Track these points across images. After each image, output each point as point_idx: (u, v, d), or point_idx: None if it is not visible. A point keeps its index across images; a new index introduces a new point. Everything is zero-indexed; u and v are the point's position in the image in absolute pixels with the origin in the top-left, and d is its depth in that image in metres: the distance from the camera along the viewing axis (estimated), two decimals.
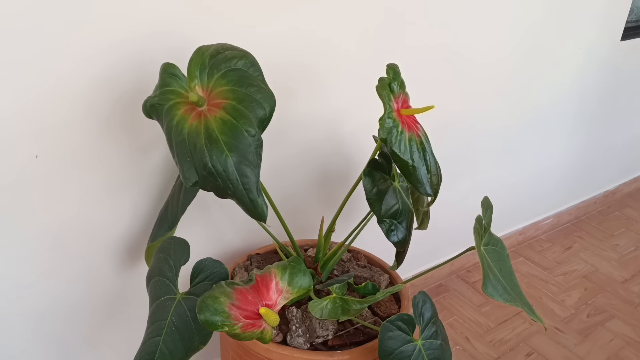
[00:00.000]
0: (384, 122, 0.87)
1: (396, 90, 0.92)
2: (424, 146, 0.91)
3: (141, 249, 1.17)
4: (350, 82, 1.31)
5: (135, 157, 1.09)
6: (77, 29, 0.94)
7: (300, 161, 1.33)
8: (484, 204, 1.03)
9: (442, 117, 1.57)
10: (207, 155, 0.84)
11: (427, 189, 0.90)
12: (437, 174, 0.93)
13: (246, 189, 0.85)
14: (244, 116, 0.86)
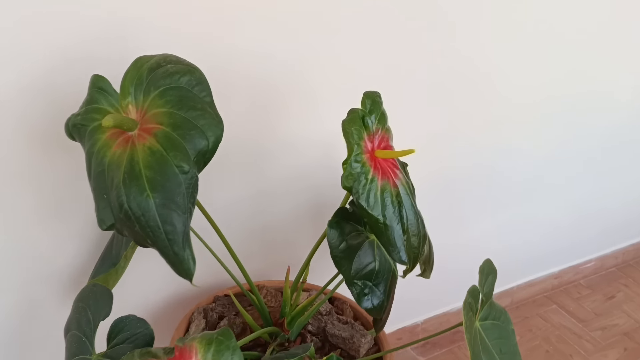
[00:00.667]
0: (348, 166, 0.69)
1: (372, 126, 0.73)
2: (401, 199, 0.72)
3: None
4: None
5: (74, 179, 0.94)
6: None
7: (289, 188, 1.16)
8: (483, 269, 0.83)
9: (463, 145, 1.37)
10: (124, 192, 0.68)
11: (401, 255, 0.71)
12: (419, 235, 0.74)
13: (169, 240, 0.68)
14: (176, 147, 0.69)
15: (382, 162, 0.72)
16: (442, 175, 1.38)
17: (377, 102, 0.75)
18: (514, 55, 1.32)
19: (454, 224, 1.49)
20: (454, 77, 1.25)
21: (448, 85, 1.25)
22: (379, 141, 0.74)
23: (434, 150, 1.32)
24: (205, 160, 0.72)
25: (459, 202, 1.47)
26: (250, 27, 0.96)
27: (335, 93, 1.09)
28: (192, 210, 0.69)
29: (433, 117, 1.27)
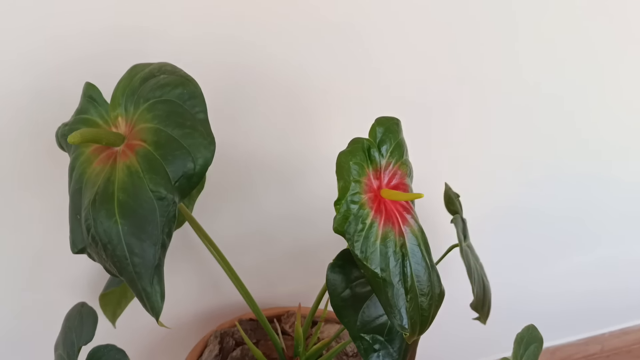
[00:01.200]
0: (342, 207, 0.57)
1: (379, 159, 0.61)
2: (406, 250, 0.59)
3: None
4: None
5: None
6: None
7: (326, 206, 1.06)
8: (522, 339, 0.69)
9: (546, 172, 1.19)
10: (92, 215, 0.61)
11: (401, 318, 0.58)
12: (431, 295, 0.61)
13: (136, 272, 0.61)
14: (155, 169, 0.62)
15: (389, 204, 0.60)
16: (518, 205, 1.21)
17: (392, 131, 0.62)
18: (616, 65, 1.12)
19: (531, 261, 1.32)
20: (536, 94, 1.08)
21: (529, 103, 1.08)
22: (390, 178, 0.62)
23: (509, 175, 1.16)
24: (191, 185, 0.63)
25: (538, 236, 1.29)
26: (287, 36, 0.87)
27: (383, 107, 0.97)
28: (166, 242, 0.61)
29: (510, 138, 1.10)
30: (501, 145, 1.11)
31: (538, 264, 1.33)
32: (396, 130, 0.63)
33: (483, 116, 1.06)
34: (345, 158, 0.58)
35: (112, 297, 0.94)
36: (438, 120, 1.03)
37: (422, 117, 1.01)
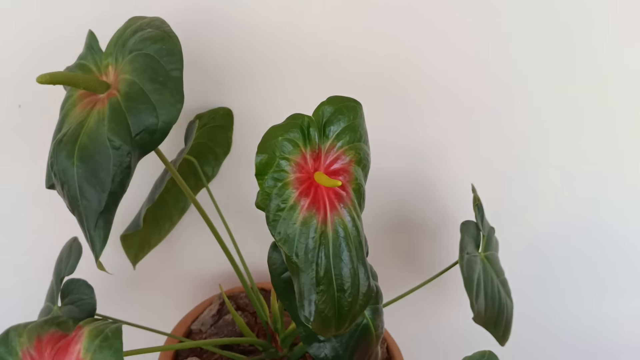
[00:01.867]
0: (265, 182, 0.55)
1: (318, 140, 0.57)
2: (327, 241, 0.55)
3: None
4: (450, 111, 0.94)
5: None
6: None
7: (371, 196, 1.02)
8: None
9: (614, 191, 1.04)
10: (55, 154, 0.65)
11: (305, 308, 0.55)
12: (350, 292, 0.57)
13: (84, 215, 0.64)
14: (117, 120, 0.63)
15: (322, 189, 0.56)
16: (580, 225, 1.08)
17: (344, 112, 0.58)
18: None
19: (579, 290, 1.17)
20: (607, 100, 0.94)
21: (599, 110, 0.95)
22: (331, 162, 0.57)
23: (562, 193, 1.03)
24: (154, 141, 0.64)
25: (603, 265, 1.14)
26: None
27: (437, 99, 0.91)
28: (117, 191, 0.63)
29: (577, 148, 0.98)
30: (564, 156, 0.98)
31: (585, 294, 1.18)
32: (350, 113, 0.58)
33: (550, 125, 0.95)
34: (274, 132, 0.55)
35: (135, 240, 0.99)
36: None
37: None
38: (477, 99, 0.92)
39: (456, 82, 0.91)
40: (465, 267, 0.78)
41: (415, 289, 0.86)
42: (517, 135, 0.96)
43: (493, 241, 0.89)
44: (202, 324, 0.94)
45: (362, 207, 0.59)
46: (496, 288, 0.87)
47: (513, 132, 0.96)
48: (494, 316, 0.86)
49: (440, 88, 0.91)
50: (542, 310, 1.16)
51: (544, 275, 1.12)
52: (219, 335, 0.93)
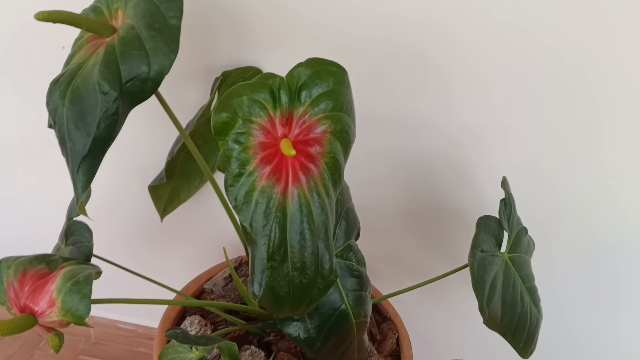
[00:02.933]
0: (225, 144, 0.51)
1: (288, 104, 0.52)
2: (283, 213, 0.51)
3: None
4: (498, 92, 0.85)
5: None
6: None
7: (405, 177, 0.96)
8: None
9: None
10: (50, 92, 0.65)
11: (255, 284, 0.51)
12: (303, 272, 0.52)
13: (70, 156, 0.63)
14: (109, 64, 0.62)
15: (288, 159, 0.51)
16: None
17: (323, 77, 0.52)
18: None
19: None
20: None
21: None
22: (302, 130, 0.52)
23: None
24: (145, 89, 0.62)
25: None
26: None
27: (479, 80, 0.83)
28: (103, 137, 0.62)
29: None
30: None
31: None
32: (330, 78, 0.52)
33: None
34: (240, 90, 0.51)
35: (163, 192, 1.00)
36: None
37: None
38: (528, 85, 0.82)
39: (505, 63, 0.81)
40: (476, 266, 0.71)
41: (435, 280, 0.79)
42: (571, 132, 0.86)
43: (523, 243, 0.80)
44: (213, 285, 0.93)
45: (338, 185, 0.54)
46: (519, 294, 0.78)
47: (567, 127, 0.85)
48: (512, 324, 0.77)
49: (487, 66, 0.82)
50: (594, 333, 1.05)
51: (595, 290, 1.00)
52: (226, 298, 0.91)
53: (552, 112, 0.84)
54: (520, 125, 0.86)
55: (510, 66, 0.82)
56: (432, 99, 0.86)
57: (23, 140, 1.06)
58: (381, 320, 0.92)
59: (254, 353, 0.82)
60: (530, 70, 0.81)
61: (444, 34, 0.81)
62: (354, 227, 0.67)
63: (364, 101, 0.87)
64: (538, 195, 0.91)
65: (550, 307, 1.03)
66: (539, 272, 0.99)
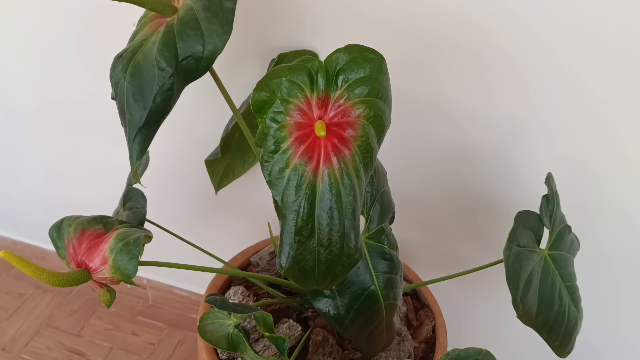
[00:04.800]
0: (264, 121, 0.54)
1: (325, 87, 0.54)
2: (313, 191, 0.53)
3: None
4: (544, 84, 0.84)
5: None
6: None
7: (440, 163, 0.96)
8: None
9: None
10: (114, 65, 0.70)
11: (283, 256, 0.54)
12: (330, 249, 0.54)
13: (127, 127, 0.68)
14: (168, 42, 0.66)
15: (321, 139, 0.54)
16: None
17: (360, 63, 0.54)
18: None
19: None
20: None
21: None
22: (337, 113, 0.54)
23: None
24: (199, 68, 0.66)
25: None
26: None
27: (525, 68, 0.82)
28: (158, 110, 0.66)
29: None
30: None
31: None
32: (367, 64, 0.54)
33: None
34: (280, 72, 0.54)
35: (219, 167, 1.04)
36: None
37: None
38: (580, 81, 0.81)
39: (554, 56, 0.80)
40: (512, 260, 0.71)
41: (473, 271, 0.80)
42: (622, 129, 0.83)
43: (566, 241, 0.79)
44: (260, 258, 0.97)
45: (370, 168, 0.56)
46: (557, 292, 0.78)
47: (619, 123, 0.83)
48: (548, 321, 0.77)
49: (535, 57, 0.81)
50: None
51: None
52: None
53: (603, 108, 0.82)
54: (566, 120, 0.85)
55: (563, 61, 0.80)
56: (477, 91, 0.85)
57: (97, 109, 1.14)
58: (419, 307, 0.93)
59: (291, 326, 0.86)
60: (585, 65, 0.80)
61: (488, 28, 0.80)
62: (388, 211, 0.69)
63: (411, 86, 0.88)
64: (586, 194, 0.90)
65: (596, 308, 1.01)
66: (586, 272, 0.97)
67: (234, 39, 0.93)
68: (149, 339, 1.36)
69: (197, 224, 1.21)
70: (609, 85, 0.80)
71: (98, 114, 1.14)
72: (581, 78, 0.81)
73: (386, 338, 0.70)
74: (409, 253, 1.07)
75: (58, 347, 1.33)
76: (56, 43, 1.08)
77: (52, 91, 1.15)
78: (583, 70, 0.80)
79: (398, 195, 1.00)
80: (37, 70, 1.13)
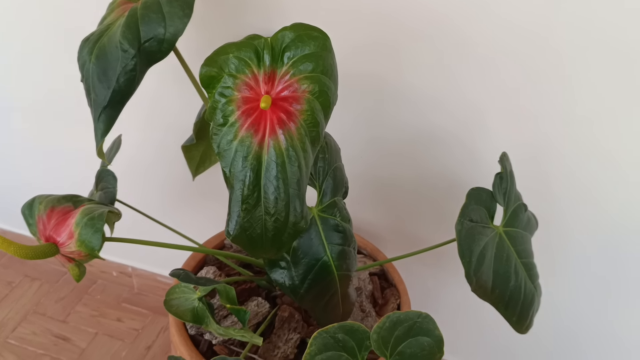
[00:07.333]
0: (213, 96, 0.57)
1: (270, 64, 0.57)
2: (259, 162, 0.56)
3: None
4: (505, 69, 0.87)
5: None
6: None
7: (412, 153, 0.99)
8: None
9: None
10: (82, 49, 0.73)
11: (230, 224, 0.57)
12: (276, 217, 0.57)
13: (93, 107, 0.71)
14: (130, 25, 0.69)
15: (268, 112, 0.57)
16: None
17: (305, 41, 0.56)
18: None
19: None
20: None
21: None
22: (283, 88, 0.57)
23: None
24: (161, 50, 0.69)
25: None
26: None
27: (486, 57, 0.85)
28: (121, 90, 0.69)
29: None
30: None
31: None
32: (312, 42, 0.57)
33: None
34: (227, 48, 0.57)
35: (195, 153, 1.07)
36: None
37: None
38: (539, 68, 0.84)
39: (514, 42, 0.83)
40: (463, 234, 0.74)
41: (433, 248, 0.83)
42: (580, 114, 0.86)
43: (522, 219, 0.82)
44: None
45: (317, 142, 0.59)
46: (513, 267, 0.80)
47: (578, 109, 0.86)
48: (504, 296, 0.80)
49: (504, 44, 0.84)
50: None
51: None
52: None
53: (563, 95, 0.85)
54: (524, 105, 0.87)
55: (521, 48, 0.83)
56: (439, 77, 0.88)
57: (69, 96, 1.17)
58: (386, 286, 0.96)
59: (259, 304, 0.89)
60: (543, 50, 0.83)
61: (450, 15, 0.83)
62: (341, 186, 0.72)
63: (375, 71, 0.91)
64: (545, 176, 0.92)
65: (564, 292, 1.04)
66: (545, 251, 1.00)
67: (203, 27, 0.97)
68: (133, 325, 1.39)
69: (178, 210, 1.24)
70: (565, 76, 0.83)
71: (81, 101, 1.17)
72: (538, 64, 0.84)
73: (342, 309, 0.73)
74: (378, 235, 1.10)
75: (44, 333, 1.36)
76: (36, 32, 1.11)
77: (38, 82, 1.18)
78: (541, 55, 0.83)
79: (364, 177, 1.03)
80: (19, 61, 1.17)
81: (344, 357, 0.57)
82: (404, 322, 0.58)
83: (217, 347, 0.82)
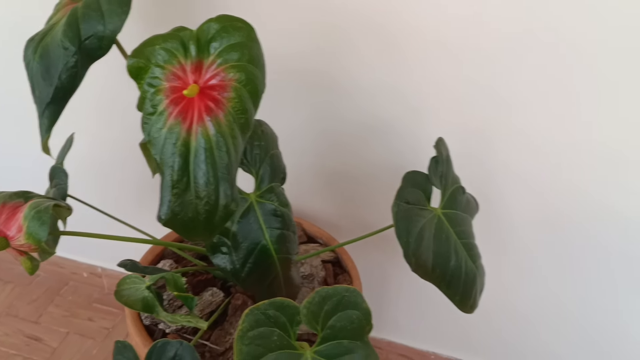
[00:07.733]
0: (141, 86, 0.60)
1: (196, 54, 0.60)
2: (187, 148, 0.59)
3: None
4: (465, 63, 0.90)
5: None
6: None
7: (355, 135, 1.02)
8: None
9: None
10: (27, 48, 0.75)
11: (162, 209, 0.60)
12: (206, 201, 0.60)
13: (37, 104, 0.74)
14: (72, 23, 0.72)
15: (196, 101, 0.59)
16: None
17: (230, 32, 0.59)
18: None
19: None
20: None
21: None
22: (210, 77, 0.60)
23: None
24: (101, 46, 0.71)
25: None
26: None
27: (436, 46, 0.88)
28: (64, 87, 0.72)
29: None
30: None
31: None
32: (237, 33, 0.60)
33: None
34: (153, 40, 0.59)
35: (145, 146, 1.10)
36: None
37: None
38: (482, 55, 0.87)
39: (455, 30, 0.87)
40: (400, 216, 0.77)
41: (377, 232, 0.86)
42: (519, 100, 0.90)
43: (460, 201, 0.85)
44: None
45: (247, 129, 0.61)
46: (452, 248, 0.83)
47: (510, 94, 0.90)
48: (445, 276, 0.83)
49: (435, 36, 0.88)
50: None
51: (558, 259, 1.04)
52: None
53: (498, 79, 0.89)
54: (467, 92, 0.91)
55: (462, 35, 0.87)
56: (385, 65, 0.92)
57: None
58: (340, 273, 0.99)
59: (214, 293, 0.91)
60: (487, 37, 0.86)
61: (395, 5, 0.87)
62: (279, 172, 0.75)
63: (319, 63, 0.94)
64: (486, 159, 0.96)
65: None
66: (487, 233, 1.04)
67: (151, 25, 0.99)
68: (104, 324, 1.41)
69: (139, 207, 1.26)
70: (505, 64, 0.87)
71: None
72: (482, 52, 0.88)
73: (285, 292, 0.76)
74: (334, 224, 1.13)
75: (16, 334, 1.38)
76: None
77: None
78: (485, 43, 0.86)
79: (315, 168, 1.06)
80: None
81: (276, 333, 0.60)
82: (332, 296, 0.61)
83: (170, 335, 0.85)
